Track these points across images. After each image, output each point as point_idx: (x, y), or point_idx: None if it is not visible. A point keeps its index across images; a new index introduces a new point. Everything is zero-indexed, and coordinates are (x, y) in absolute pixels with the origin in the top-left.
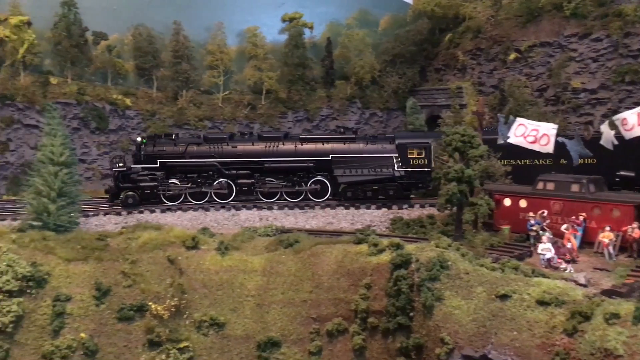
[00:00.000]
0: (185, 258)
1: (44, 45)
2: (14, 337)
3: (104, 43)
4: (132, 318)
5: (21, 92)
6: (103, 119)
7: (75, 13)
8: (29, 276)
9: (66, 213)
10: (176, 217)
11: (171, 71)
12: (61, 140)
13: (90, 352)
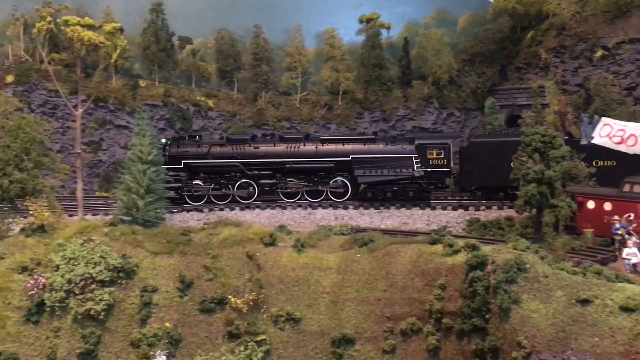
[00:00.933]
0: (263, 254)
1: (134, 50)
2: (105, 324)
3: (189, 47)
4: (213, 310)
5: (113, 95)
6: (187, 120)
7: (162, 19)
8: (120, 267)
9: (153, 209)
10: (255, 214)
11: (251, 73)
12: (149, 140)
13: (174, 341)
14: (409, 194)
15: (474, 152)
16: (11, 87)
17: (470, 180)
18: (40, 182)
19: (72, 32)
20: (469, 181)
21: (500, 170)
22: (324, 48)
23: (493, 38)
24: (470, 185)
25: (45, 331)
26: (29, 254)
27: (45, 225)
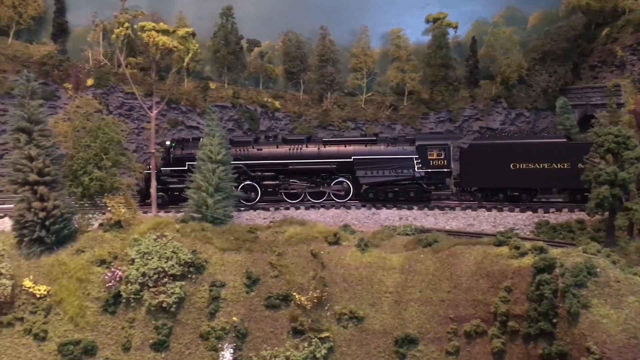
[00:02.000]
0: (327, 253)
1: (205, 53)
2: (176, 316)
3: (257, 49)
4: (278, 306)
5: (185, 97)
6: (255, 121)
7: (232, 23)
8: (190, 262)
9: (222, 207)
10: (319, 214)
11: (317, 74)
12: (218, 140)
13: (241, 335)
14: (409, 194)
15: (474, 154)
16: (91, 90)
17: (470, 181)
18: (118, 180)
19: (147, 37)
20: (469, 182)
21: (500, 172)
22: (389, 48)
23: (566, 36)
24: (471, 186)
25: (121, 321)
26: (107, 248)
27: (122, 221)
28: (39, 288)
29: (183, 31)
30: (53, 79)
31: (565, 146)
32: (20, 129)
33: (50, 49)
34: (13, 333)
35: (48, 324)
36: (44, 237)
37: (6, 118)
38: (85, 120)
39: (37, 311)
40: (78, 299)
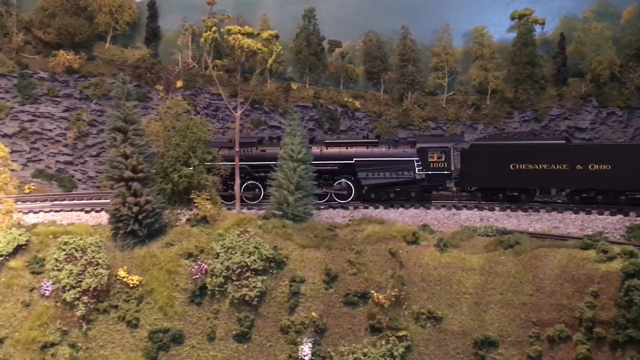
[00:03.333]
0: (406, 252)
1: (287, 55)
2: (258, 309)
3: (338, 50)
4: (356, 304)
5: (268, 97)
6: (335, 120)
7: (314, 24)
8: (271, 258)
9: (302, 204)
10: (398, 213)
11: (398, 74)
12: (299, 140)
13: (320, 330)
14: (411, 195)
15: (474, 154)
16: (180, 92)
17: (470, 181)
18: (204, 177)
19: (233, 40)
20: (470, 182)
21: (500, 172)
22: (472, 47)
23: None
24: (471, 186)
25: (206, 312)
26: (193, 242)
27: (208, 217)
28: (132, 278)
29: (267, 34)
30: (146, 81)
31: (564, 148)
32: (116, 128)
33: (144, 52)
34: (108, 319)
35: (140, 312)
36: (136, 231)
37: (104, 118)
38: (175, 120)
39: (130, 300)
40: (167, 289)
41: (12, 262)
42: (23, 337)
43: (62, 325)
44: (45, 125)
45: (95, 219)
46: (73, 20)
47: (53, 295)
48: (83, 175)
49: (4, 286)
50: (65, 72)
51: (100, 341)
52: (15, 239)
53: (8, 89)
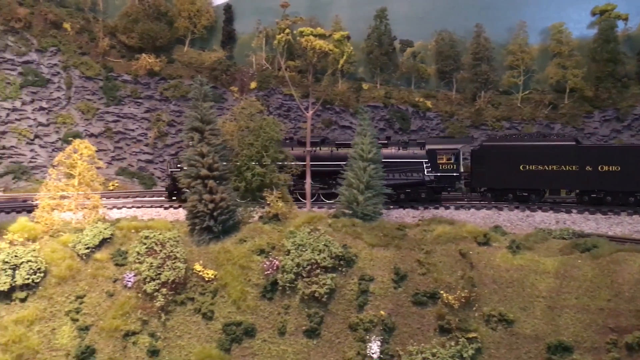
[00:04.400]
0: (477, 253)
1: (358, 55)
2: (327, 306)
3: (410, 50)
4: (425, 303)
5: (339, 97)
6: (406, 120)
7: (386, 24)
8: (341, 256)
9: (372, 204)
10: (469, 214)
11: (471, 73)
12: (370, 140)
13: (388, 329)
14: (421, 196)
15: (484, 155)
16: (254, 92)
17: (480, 181)
18: (276, 176)
19: (305, 42)
20: (479, 182)
21: (510, 173)
22: (549, 44)
23: None
24: (480, 186)
25: (277, 307)
26: (265, 239)
27: (279, 215)
28: (207, 272)
29: (338, 35)
30: (221, 82)
31: (574, 149)
32: (194, 128)
33: (220, 55)
34: (185, 311)
35: (214, 305)
36: (212, 227)
37: (182, 119)
38: (249, 120)
39: (205, 293)
40: (240, 284)
41: (97, 254)
42: (107, 325)
43: (143, 315)
44: (128, 125)
45: (174, 215)
46: (154, 25)
47: (135, 287)
48: (162, 173)
49: (90, 277)
50: (146, 74)
51: (178, 331)
52: (101, 232)
53: (95, 91)
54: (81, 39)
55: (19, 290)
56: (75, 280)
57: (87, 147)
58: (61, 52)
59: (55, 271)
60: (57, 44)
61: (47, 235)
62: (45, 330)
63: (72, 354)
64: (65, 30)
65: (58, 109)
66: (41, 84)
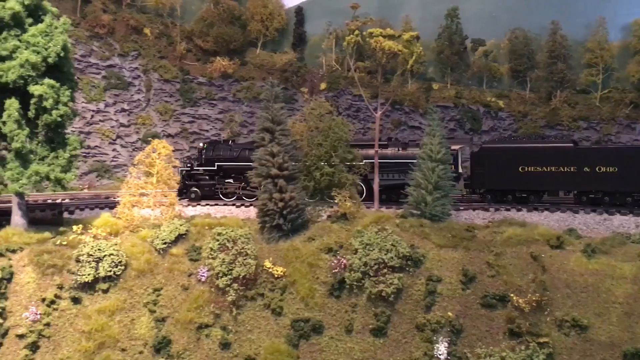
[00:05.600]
0: (549, 256)
1: (428, 55)
2: (394, 305)
3: (482, 49)
4: (494, 306)
5: (408, 98)
6: (477, 121)
7: (457, 23)
8: (408, 256)
9: (440, 204)
10: (542, 216)
11: (546, 72)
12: (439, 140)
13: (456, 331)
14: None
15: (484, 157)
16: (324, 93)
17: (480, 183)
18: (345, 175)
19: (375, 43)
20: (479, 184)
21: (509, 175)
22: (631, 41)
23: None
24: (480, 187)
25: (344, 305)
26: (333, 238)
27: (347, 214)
28: (276, 269)
29: (408, 35)
30: (292, 84)
31: (572, 150)
32: (265, 129)
33: (291, 57)
34: (255, 306)
35: (283, 301)
36: (281, 225)
37: (253, 119)
38: (318, 121)
39: (274, 289)
40: (308, 281)
41: (174, 249)
42: (182, 317)
43: (215, 309)
44: (203, 126)
45: (245, 213)
46: (228, 29)
47: (208, 281)
48: None
49: (167, 271)
50: (221, 77)
51: (248, 325)
52: (177, 228)
53: (172, 93)
54: (160, 44)
55: (101, 281)
56: (153, 273)
57: (165, 147)
58: (141, 56)
59: (134, 264)
60: (138, 49)
61: (128, 230)
62: (125, 321)
63: (150, 343)
64: (145, 35)
65: (138, 110)
66: (123, 87)
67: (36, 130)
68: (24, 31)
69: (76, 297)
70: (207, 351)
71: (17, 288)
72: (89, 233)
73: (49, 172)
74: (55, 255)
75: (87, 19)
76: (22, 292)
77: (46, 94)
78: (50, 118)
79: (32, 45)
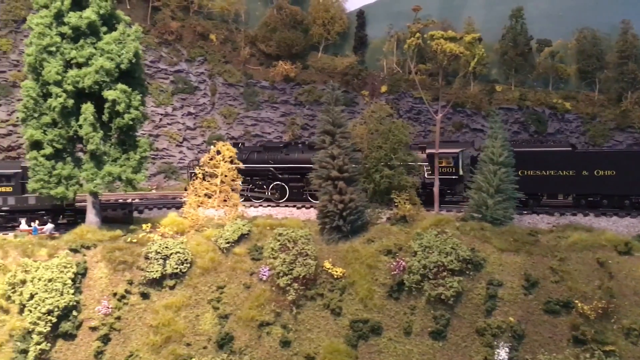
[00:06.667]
0: (616, 263)
1: (492, 56)
2: (453, 309)
3: (548, 49)
4: (558, 312)
5: (470, 100)
6: (542, 123)
7: (522, 24)
8: (468, 259)
9: (502, 208)
10: (611, 222)
11: (616, 72)
12: (501, 143)
13: (517, 336)
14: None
15: None
16: (384, 96)
17: None
18: (404, 178)
19: (436, 45)
20: None
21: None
22: None
23: None
24: None
25: (403, 307)
26: (392, 240)
27: (407, 216)
28: (336, 270)
29: (470, 37)
30: (353, 87)
31: (571, 154)
32: (325, 131)
33: (351, 60)
34: (315, 306)
35: (342, 301)
36: (341, 226)
37: (314, 122)
38: (378, 124)
39: (334, 289)
40: (367, 282)
41: (236, 249)
42: (244, 314)
43: (276, 308)
44: (265, 128)
45: (306, 215)
46: (291, 34)
47: (269, 280)
48: None
49: (230, 269)
50: (283, 80)
51: (308, 325)
52: (240, 228)
53: (236, 96)
54: (225, 49)
55: (168, 278)
56: (216, 271)
57: (229, 149)
58: (207, 61)
59: (199, 262)
60: (204, 54)
61: (193, 229)
62: (190, 316)
63: (213, 339)
64: (211, 41)
65: (203, 113)
66: (189, 91)
67: (109, 133)
68: (99, 39)
69: (145, 293)
70: (267, 348)
71: (90, 282)
72: (157, 232)
73: (120, 172)
74: (125, 252)
75: (157, 26)
76: (95, 287)
77: (119, 99)
78: (122, 121)
79: (106, 53)
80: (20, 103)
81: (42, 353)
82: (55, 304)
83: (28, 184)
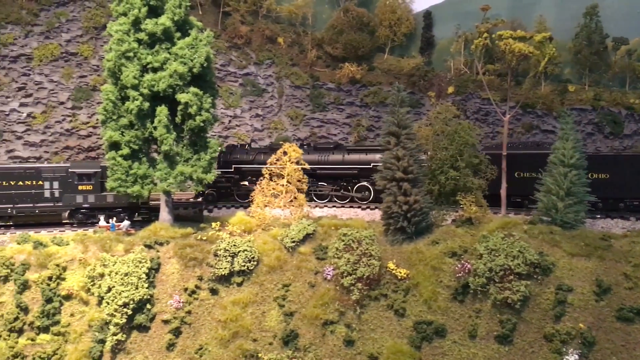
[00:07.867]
0: None
1: (564, 56)
2: (520, 314)
3: (624, 48)
4: (631, 320)
5: (541, 101)
6: (618, 124)
7: (597, 21)
8: (536, 263)
9: (573, 211)
10: None
11: None
12: (572, 144)
13: (588, 343)
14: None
15: None
16: (451, 97)
17: None
18: (470, 180)
19: (504, 45)
20: None
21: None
22: None
23: None
24: None
25: (468, 310)
26: (458, 242)
27: (473, 219)
28: (400, 271)
29: (540, 36)
30: (419, 88)
31: None
32: (391, 133)
33: (418, 61)
34: (378, 306)
35: (406, 302)
36: (405, 227)
37: (380, 124)
38: (444, 125)
39: (398, 290)
40: (432, 284)
41: (302, 248)
42: (308, 313)
43: (340, 307)
44: (331, 130)
45: (370, 216)
46: (357, 36)
47: (333, 280)
48: None
49: (296, 268)
50: (349, 82)
51: (371, 325)
52: (305, 228)
53: (302, 98)
54: (292, 52)
55: (236, 275)
56: (282, 270)
57: (295, 151)
58: (275, 64)
59: (266, 261)
60: (272, 57)
61: (260, 228)
62: (257, 313)
63: (279, 336)
64: (278, 44)
65: (271, 115)
66: (257, 94)
67: (182, 134)
68: (173, 44)
69: (214, 289)
70: (331, 347)
71: (163, 277)
72: (226, 230)
73: (192, 172)
74: (196, 249)
75: (227, 30)
76: (168, 282)
77: (191, 101)
78: (194, 123)
79: (180, 57)
80: (100, 106)
81: (118, 343)
82: (131, 297)
83: (107, 183)
